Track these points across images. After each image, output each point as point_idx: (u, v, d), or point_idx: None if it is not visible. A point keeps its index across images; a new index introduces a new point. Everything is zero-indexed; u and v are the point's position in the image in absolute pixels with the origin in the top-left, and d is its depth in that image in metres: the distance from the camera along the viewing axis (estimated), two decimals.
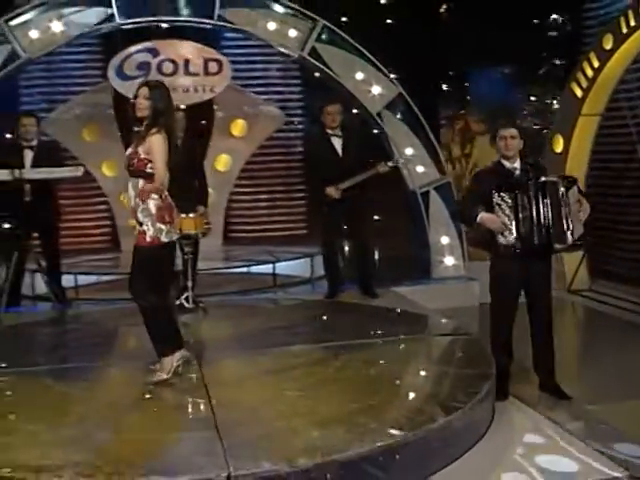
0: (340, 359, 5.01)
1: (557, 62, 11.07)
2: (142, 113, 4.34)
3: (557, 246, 4.59)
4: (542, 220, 4.55)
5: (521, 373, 5.07)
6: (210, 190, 9.32)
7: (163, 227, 4.43)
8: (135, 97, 4.39)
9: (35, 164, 6.51)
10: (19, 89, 10.04)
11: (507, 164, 4.78)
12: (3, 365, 4.93)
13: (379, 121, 7.45)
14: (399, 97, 7.55)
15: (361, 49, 7.40)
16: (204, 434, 3.69)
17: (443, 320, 5.86)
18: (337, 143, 6.85)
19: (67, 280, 7.33)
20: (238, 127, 9.58)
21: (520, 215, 4.58)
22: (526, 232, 4.57)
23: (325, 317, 6.36)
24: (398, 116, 7.55)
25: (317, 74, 7.71)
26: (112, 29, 7.15)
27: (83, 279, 7.84)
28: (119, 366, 5.12)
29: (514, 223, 4.59)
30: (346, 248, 7.93)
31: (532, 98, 11.65)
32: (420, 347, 5.23)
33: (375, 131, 7.55)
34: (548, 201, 4.55)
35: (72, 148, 8.72)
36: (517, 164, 4.78)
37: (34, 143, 6.64)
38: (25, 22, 6.89)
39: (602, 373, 5.55)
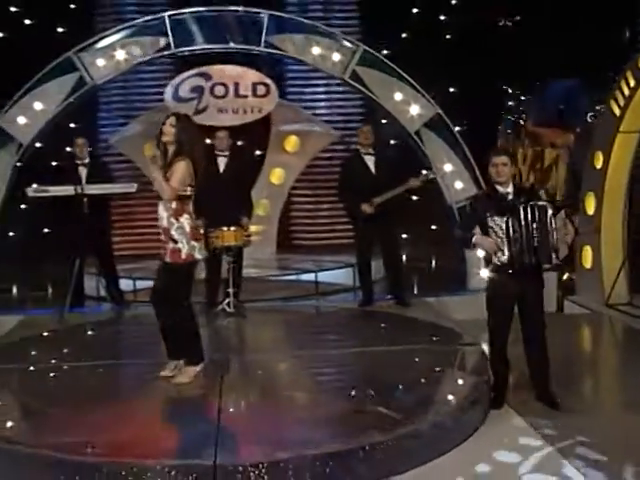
0: (354, 364, 5.60)
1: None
2: (166, 138, 4.86)
3: (545, 266, 4.89)
4: (531, 241, 4.84)
5: (524, 383, 5.38)
6: (265, 201, 10.05)
7: (196, 244, 4.95)
8: (163, 123, 4.90)
9: (88, 179, 7.28)
10: (99, 105, 11.02)
11: (500, 189, 5.04)
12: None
13: (417, 140, 7.81)
14: (437, 116, 7.90)
15: (399, 71, 7.80)
16: (205, 427, 4.24)
17: (456, 331, 6.22)
18: (370, 161, 7.31)
19: (127, 284, 8.06)
20: (291, 143, 10.22)
21: (511, 237, 4.86)
22: (517, 253, 4.85)
23: (351, 324, 6.87)
24: (436, 134, 7.88)
25: None
26: (169, 56, 7.87)
27: (144, 283, 8.52)
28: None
29: (506, 244, 4.91)
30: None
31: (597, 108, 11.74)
32: (427, 356, 5.61)
33: (412, 149, 7.92)
34: (537, 224, 4.84)
35: (137, 162, 9.50)
36: (510, 189, 5.03)
37: (87, 161, 7.41)
38: (92, 51, 7.65)
39: (631, 390, 5.64)
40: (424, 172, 7.27)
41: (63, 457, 3.87)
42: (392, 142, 8.63)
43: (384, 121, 8.78)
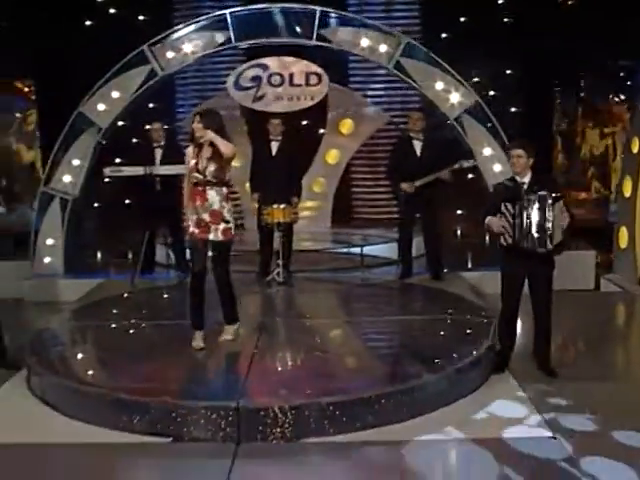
0: (381, 328, 6.43)
1: None
2: (198, 134, 5.51)
3: (540, 250, 5.39)
4: (530, 227, 5.37)
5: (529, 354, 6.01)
6: (321, 179, 10.85)
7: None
8: (192, 122, 5.55)
9: (163, 160, 8.19)
10: (177, 87, 11.95)
11: (518, 178, 5.59)
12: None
13: (457, 126, 8.39)
14: (477, 103, 8.44)
15: (440, 61, 8.39)
16: (235, 376, 5.16)
17: (477, 304, 6.88)
18: (417, 145, 7.98)
19: None
20: (346, 126, 10.96)
21: (515, 222, 5.44)
22: (517, 237, 5.42)
23: (386, 295, 7.67)
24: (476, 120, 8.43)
25: None
26: (230, 49, 8.72)
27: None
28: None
29: (511, 229, 5.48)
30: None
31: None
32: (446, 324, 6.35)
33: (454, 135, 8.50)
34: (536, 212, 5.34)
35: None
36: (526, 178, 5.55)
37: (162, 143, 8.31)
38: (163, 45, 8.54)
39: None
40: (458, 162, 7.87)
41: (126, 397, 4.80)
42: (441, 127, 9.12)
43: None
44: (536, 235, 5.37)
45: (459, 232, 10.72)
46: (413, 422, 4.82)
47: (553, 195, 5.40)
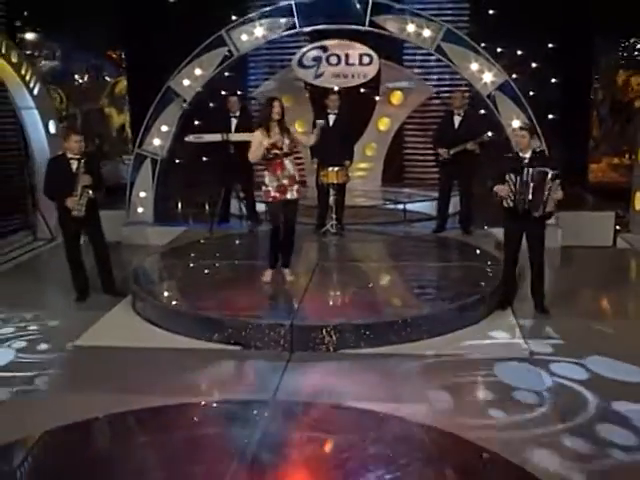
0: (411, 272, 7.85)
1: None
2: (278, 116, 6.88)
3: (535, 213, 6.63)
4: (526, 195, 6.61)
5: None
6: (373, 144, 12.24)
7: None
8: (272, 105, 6.84)
9: (237, 128, 9.70)
10: (250, 63, 13.35)
11: (520, 154, 6.82)
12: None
13: (489, 102, 9.65)
14: (507, 82, 9.66)
15: (475, 45, 9.61)
16: (292, 302, 6.72)
17: (494, 255, 8.21)
18: (457, 119, 9.31)
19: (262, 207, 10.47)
20: (396, 97, 12.30)
21: (516, 189, 6.68)
22: (517, 202, 6.69)
23: (419, 245, 9.12)
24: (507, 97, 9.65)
25: None
26: (295, 33, 10.12)
27: None
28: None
29: (512, 195, 6.76)
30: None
31: None
32: (464, 270, 7.78)
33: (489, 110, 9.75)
34: (534, 184, 6.54)
35: None
36: (528, 154, 6.72)
37: (237, 114, 9.80)
38: (238, 29, 9.99)
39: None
40: (485, 136, 9.14)
41: (209, 316, 6.41)
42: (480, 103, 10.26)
43: None
44: (532, 201, 6.60)
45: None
46: (425, 342, 6.24)
47: (553, 172, 6.55)
